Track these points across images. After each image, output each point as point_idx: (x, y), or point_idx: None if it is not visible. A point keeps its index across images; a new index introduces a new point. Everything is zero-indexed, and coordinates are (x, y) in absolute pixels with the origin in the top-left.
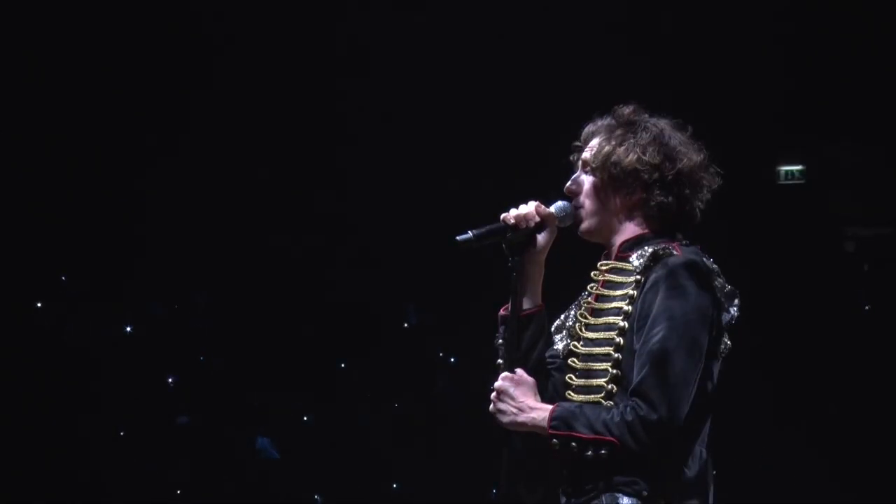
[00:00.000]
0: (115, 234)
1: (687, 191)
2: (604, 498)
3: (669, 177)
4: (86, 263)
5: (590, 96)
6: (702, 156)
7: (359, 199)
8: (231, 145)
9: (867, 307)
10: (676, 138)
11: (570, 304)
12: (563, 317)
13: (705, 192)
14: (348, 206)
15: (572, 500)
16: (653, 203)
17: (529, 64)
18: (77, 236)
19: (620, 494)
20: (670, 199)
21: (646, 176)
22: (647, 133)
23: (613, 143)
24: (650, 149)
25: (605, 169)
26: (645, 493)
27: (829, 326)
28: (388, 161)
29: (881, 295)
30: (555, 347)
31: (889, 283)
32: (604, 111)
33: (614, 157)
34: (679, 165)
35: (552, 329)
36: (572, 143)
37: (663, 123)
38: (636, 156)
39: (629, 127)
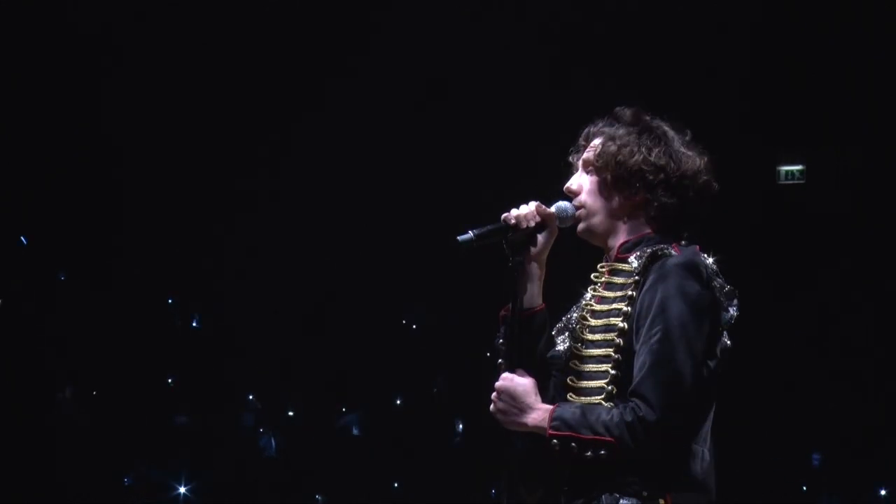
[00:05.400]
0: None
1: (690, 193)
2: (604, 498)
3: (674, 179)
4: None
5: (590, 97)
6: (705, 159)
7: (358, 199)
8: (231, 149)
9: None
10: (679, 141)
11: (572, 306)
12: (564, 319)
13: (706, 195)
14: (348, 206)
15: (572, 501)
16: (656, 204)
17: (530, 64)
18: (70, 234)
19: (620, 495)
20: (673, 200)
21: (651, 177)
22: (651, 134)
23: (618, 143)
24: (655, 150)
25: (609, 169)
26: (645, 494)
27: (828, 324)
28: (388, 161)
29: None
30: (557, 349)
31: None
32: (604, 112)
33: (619, 157)
34: (684, 168)
35: (554, 331)
36: (573, 143)
37: (666, 126)
38: (642, 156)
39: (633, 128)
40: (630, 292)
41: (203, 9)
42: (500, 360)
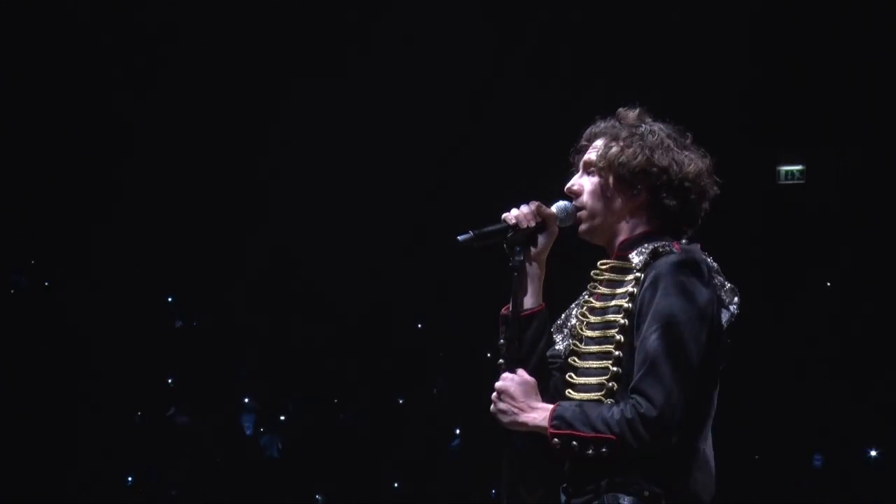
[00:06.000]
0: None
1: (692, 195)
2: (605, 498)
3: (676, 180)
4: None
5: (590, 98)
6: (707, 161)
7: (359, 199)
8: (238, 148)
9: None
10: (682, 143)
11: (571, 305)
12: (563, 317)
13: (707, 197)
14: (348, 207)
15: (573, 501)
16: (658, 205)
17: (531, 65)
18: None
19: (621, 494)
20: (675, 202)
21: (654, 178)
22: (654, 136)
23: (621, 144)
24: (658, 151)
25: (612, 169)
26: (646, 494)
27: (828, 324)
28: (389, 161)
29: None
30: (556, 347)
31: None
32: (605, 113)
33: (622, 158)
34: (686, 169)
35: (553, 329)
36: (574, 143)
37: (668, 128)
38: (645, 157)
39: (636, 129)
40: (630, 289)
41: (201, 6)
42: (500, 360)
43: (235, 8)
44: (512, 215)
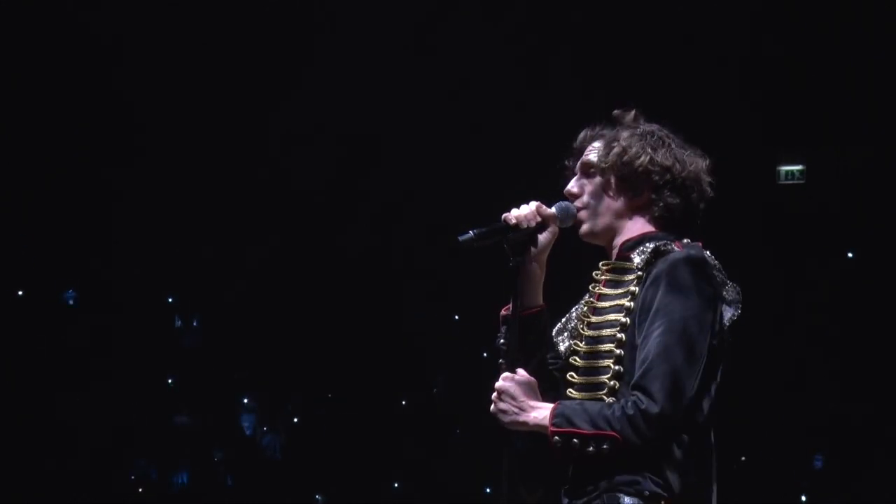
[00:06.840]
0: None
1: (694, 194)
2: (605, 498)
3: (679, 179)
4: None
5: (589, 97)
6: (706, 161)
7: (358, 199)
8: (244, 148)
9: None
10: (679, 143)
11: (572, 307)
12: (564, 319)
13: (706, 197)
14: (348, 206)
15: (574, 501)
16: (661, 204)
17: (532, 64)
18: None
19: (622, 494)
20: (677, 201)
21: (657, 178)
22: (654, 136)
23: (623, 144)
24: (661, 151)
25: (614, 170)
26: (647, 493)
27: (828, 324)
28: (389, 161)
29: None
30: (557, 348)
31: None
32: (604, 112)
33: (625, 158)
34: (689, 168)
35: (554, 332)
36: (571, 145)
37: (665, 129)
38: (648, 157)
39: (635, 130)
40: (632, 288)
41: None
42: (500, 360)
43: (235, 8)
44: (512, 215)
